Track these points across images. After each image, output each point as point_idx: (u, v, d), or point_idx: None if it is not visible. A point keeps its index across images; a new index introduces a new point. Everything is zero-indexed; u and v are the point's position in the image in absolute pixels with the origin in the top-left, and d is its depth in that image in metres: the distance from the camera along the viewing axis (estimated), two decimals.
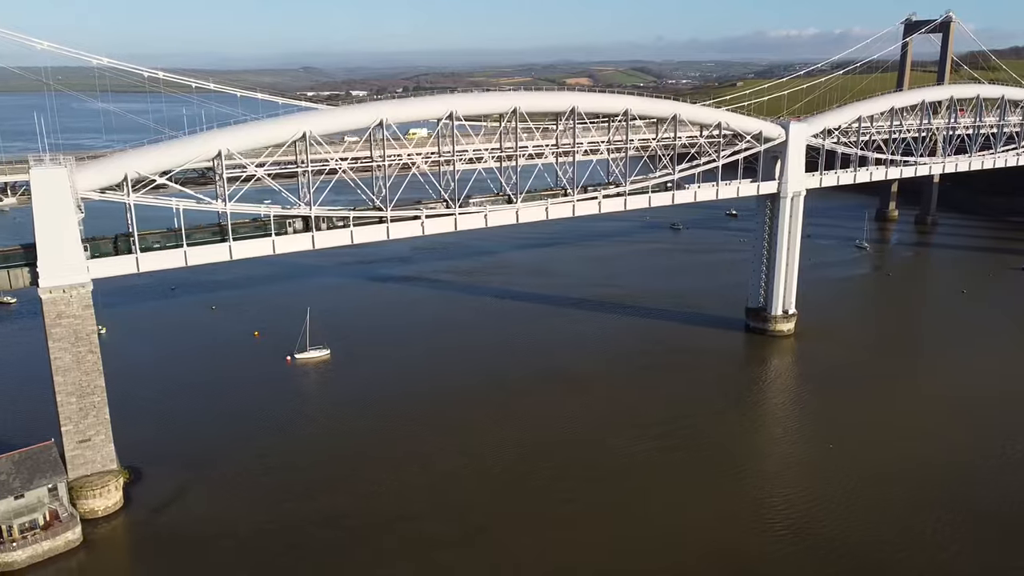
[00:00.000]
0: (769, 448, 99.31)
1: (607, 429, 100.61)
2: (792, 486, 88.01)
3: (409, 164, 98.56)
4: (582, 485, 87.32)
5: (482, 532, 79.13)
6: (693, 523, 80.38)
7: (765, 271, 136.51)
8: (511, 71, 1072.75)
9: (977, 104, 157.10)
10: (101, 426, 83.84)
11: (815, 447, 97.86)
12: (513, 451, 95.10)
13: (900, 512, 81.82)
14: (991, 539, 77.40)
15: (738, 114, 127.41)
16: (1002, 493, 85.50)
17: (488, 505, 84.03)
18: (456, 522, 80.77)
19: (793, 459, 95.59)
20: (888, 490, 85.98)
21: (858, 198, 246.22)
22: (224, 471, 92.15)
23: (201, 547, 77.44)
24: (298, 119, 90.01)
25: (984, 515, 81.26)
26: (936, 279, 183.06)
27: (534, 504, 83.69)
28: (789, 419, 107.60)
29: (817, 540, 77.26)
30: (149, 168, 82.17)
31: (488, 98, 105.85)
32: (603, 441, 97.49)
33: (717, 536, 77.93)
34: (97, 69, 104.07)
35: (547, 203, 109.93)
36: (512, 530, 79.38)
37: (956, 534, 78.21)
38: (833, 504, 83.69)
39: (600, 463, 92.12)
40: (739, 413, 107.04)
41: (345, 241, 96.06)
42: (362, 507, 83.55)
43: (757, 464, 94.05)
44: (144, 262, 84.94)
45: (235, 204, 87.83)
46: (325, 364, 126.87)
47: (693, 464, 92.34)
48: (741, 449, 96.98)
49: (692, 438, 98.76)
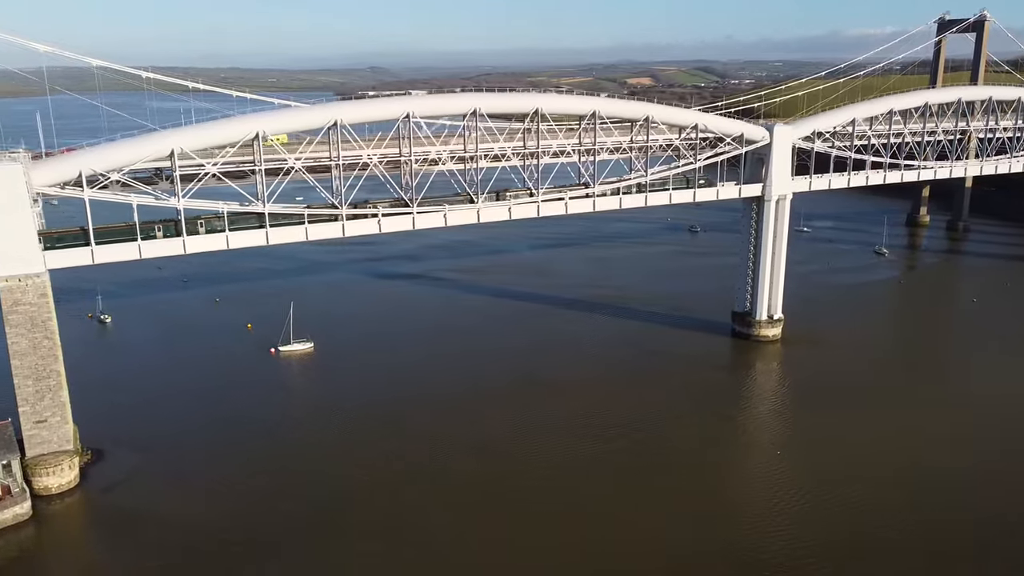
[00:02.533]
0: (719, 455, 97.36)
1: (567, 435, 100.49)
2: (734, 494, 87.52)
3: (367, 164, 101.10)
4: (532, 494, 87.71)
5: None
6: (622, 533, 79.65)
7: (751, 275, 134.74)
8: (572, 71, 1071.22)
9: (989, 106, 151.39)
10: (57, 408, 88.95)
11: (765, 454, 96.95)
12: (466, 455, 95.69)
13: (851, 517, 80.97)
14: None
15: (718, 116, 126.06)
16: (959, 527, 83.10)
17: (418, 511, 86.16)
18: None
19: (738, 465, 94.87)
20: (839, 495, 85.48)
21: (892, 202, 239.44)
22: (184, 455, 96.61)
23: (143, 526, 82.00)
24: (251, 120, 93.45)
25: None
26: (950, 288, 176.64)
27: (479, 508, 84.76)
28: (751, 426, 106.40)
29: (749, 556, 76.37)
30: (104, 166, 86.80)
31: (447, 99, 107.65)
32: (558, 447, 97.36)
33: (649, 548, 77.47)
34: (96, 70, 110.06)
35: (510, 203, 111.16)
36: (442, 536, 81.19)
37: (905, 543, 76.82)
38: (773, 515, 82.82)
39: (547, 470, 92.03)
40: (699, 419, 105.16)
41: (300, 237, 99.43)
42: (305, 495, 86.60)
43: (702, 472, 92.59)
44: (99, 254, 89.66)
45: (189, 200, 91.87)
46: (308, 356, 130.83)
47: (635, 470, 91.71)
48: (689, 458, 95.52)
49: (642, 443, 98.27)
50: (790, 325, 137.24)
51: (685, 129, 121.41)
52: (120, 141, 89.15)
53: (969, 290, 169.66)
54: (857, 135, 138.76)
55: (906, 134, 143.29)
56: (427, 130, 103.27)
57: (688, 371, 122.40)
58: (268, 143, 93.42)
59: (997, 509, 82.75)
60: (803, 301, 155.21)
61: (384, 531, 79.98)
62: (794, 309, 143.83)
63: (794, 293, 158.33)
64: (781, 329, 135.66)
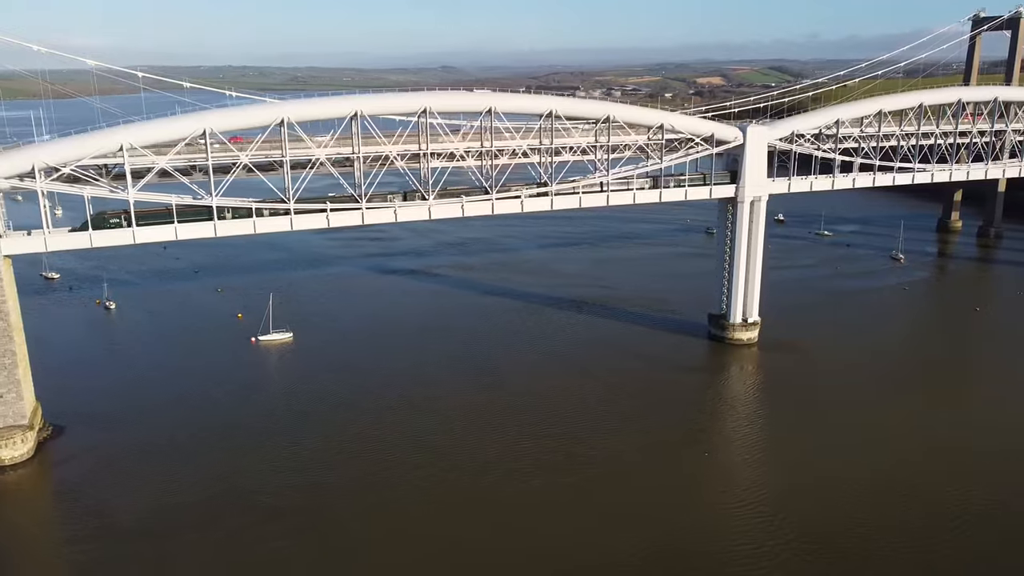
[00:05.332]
0: (655, 465, 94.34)
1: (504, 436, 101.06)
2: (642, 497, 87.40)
3: (316, 161, 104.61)
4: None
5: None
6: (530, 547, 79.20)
7: (726, 277, 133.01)
8: (641, 70, 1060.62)
9: (995, 107, 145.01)
10: (12, 385, 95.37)
11: (694, 460, 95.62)
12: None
13: (755, 535, 79.60)
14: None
15: (686, 116, 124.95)
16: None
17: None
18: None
19: (665, 470, 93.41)
20: (757, 511, 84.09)
21: (926, 206, 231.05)
22: (142, 434, 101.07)
23: (82, 499, 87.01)
24: (199, 117, 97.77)
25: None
26: (958, 296, 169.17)
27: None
28: (700, 433, 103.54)
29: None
30: (56, 159, 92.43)
31: (396, 98, 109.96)
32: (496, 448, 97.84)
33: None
34: (94, 71, 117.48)
35: (463, 200, 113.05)
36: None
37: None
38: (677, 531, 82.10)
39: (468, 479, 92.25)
40: (642, 429, 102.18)
41: (248, 231, 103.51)
42: (272, 484, 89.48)
43: (620, 482, 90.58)
44: (51, 242, 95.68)
45: (140, 193, 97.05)
46: (286, 346, 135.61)
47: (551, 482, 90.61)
48: (618, 465, 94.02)
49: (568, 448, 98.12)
50: (771, 330, 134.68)
51: (651, 129, 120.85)
52: (72, 136, 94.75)
53: (982, 299, 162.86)
54: (848, 137, 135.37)
55: (898, 136, 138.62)
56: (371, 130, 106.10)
57: (647, 371, 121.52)
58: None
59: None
60: (795, 307, 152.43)
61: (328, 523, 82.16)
62: (783, 314, 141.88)
63: (789, 298, 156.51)
64: (757, 333, 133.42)
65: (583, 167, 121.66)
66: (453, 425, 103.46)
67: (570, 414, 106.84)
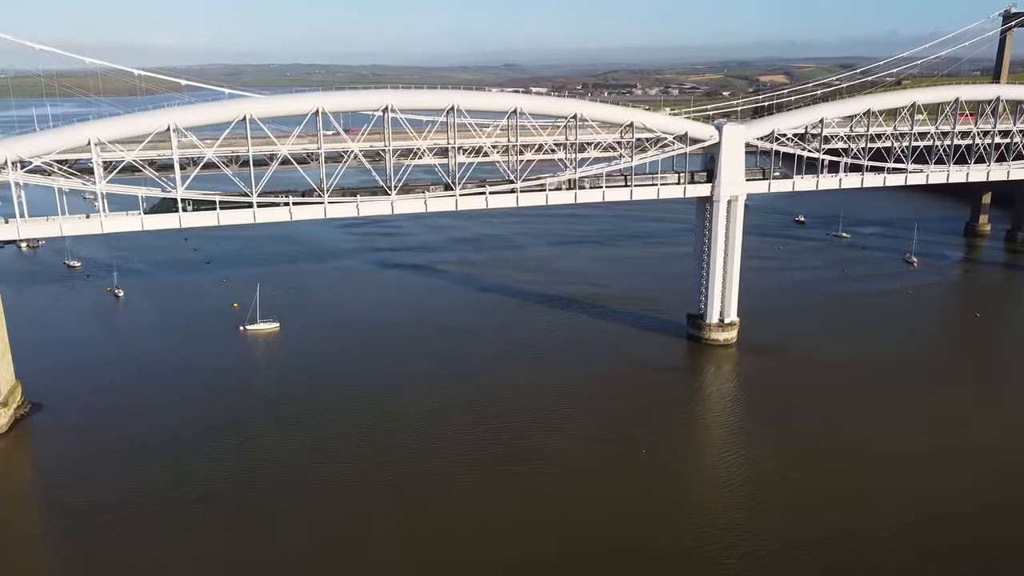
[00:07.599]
0: (602, 466, 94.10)
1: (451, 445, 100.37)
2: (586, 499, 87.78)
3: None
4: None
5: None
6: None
7: (704, 277, 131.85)
8: (702, 68, 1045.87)
9: (995, 106, 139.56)
10: None
11: (632, 462, 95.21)
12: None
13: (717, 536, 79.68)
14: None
15: (658, 114, 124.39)
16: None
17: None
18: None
19: (612, 471, 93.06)
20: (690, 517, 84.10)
21: (957, 208, 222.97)
22: (118, 411, 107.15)
23: (55, 471, 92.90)
24: (165, 114, 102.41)
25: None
26: (964, 302, 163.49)
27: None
28: (651, 434, 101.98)
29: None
30: (28, 153, 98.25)
31: (358, 96, 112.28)
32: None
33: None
34: (92, 72, 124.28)
35: (426, 196, 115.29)
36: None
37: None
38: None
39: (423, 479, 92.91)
40: (597, 437, 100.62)
41: (212, 222, 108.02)
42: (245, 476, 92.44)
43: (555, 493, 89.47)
44: (24, 230, 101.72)
45: (109, 185, 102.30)
46: (273, 336, 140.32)
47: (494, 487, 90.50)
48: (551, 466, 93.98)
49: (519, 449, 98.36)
50: (753, 331, 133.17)
51: (621, 127, 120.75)
52: (43, 131, 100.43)
53: (991, 306, 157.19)
54: (837, 136, 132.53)
55: (890, 135, 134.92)
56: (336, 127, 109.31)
57: (620, 371, 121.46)
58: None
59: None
60: (788, 308, 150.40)
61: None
62: (772, 316, 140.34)
63: (785, 299, 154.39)
64: (736, 334, 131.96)
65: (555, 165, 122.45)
66: (412, 421, 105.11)
67: (525, 412, 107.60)
